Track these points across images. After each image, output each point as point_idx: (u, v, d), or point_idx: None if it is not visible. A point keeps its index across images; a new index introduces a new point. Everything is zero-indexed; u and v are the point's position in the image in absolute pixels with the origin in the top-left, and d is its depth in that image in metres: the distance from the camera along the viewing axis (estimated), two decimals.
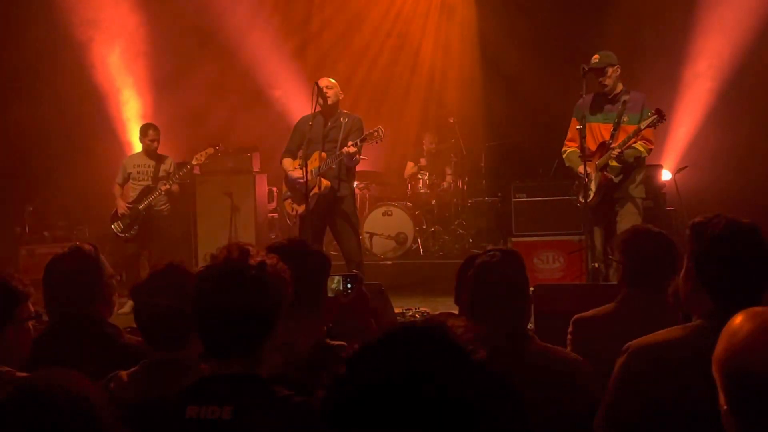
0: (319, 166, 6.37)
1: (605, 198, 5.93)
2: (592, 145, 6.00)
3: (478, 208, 9.59)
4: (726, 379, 1.50)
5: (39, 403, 1.23)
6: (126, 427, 1.86)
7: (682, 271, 2.24)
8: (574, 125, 6.14)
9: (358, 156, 6.41)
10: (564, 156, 6.23)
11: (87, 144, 9.75)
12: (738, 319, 1.54)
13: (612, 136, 5.82)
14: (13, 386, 1.27)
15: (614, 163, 5.80)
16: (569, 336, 3.03)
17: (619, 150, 5.72)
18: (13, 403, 1.22)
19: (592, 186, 5.92)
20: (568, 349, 3.00)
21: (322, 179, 6.38)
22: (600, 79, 5.92)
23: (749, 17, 8.71)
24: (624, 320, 2.87)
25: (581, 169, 5.92)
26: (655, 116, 5.67)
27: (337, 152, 6.34)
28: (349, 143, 6.26)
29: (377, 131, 6.26)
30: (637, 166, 5.95)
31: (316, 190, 6.37)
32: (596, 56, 6.00)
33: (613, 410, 2.16)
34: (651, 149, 5.97)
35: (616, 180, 5.81)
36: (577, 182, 6.16)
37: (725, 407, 1.52)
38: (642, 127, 5.71)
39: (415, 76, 10.52)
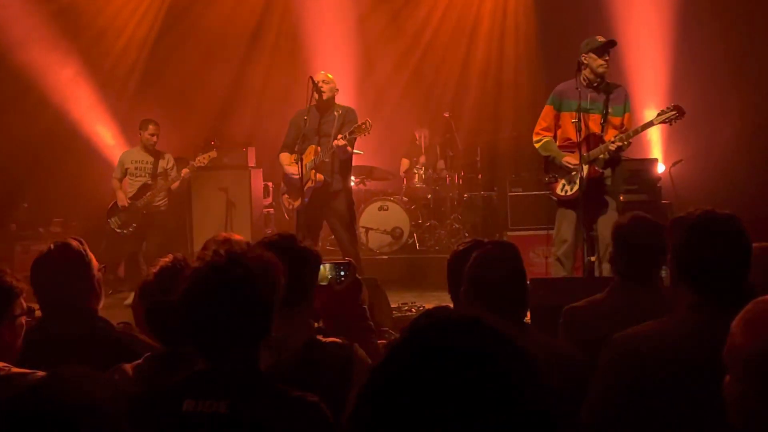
0: (313, 160, 6.37)
1: (591, 192, 5.68)
2: (575, 135, 5.69)
3: (474, 202, 9.59)
4: (753, 369, 1.49)
5: (48, 409, 1.21)
6: (129, 419, 1.86)
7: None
8: (550, 113, 5.90)
9: (349, 148, 6.39)
10: (539, 145, 5.93)
11: (81, 140, 9.73)
12: (759, 307, 1.53)
13: (602, 129, 5.62)
14: (25, 390, 1.24)
15: (605, 156, 5.59)
16: (561, 326, 3.04)
17: (620, 143, 5.49)
18: (23, 406, 1.20)
19: (577, 179, 5.69)
20: (560, 338, 3.01)
21: (315, 172, 6.38)
22: (606, 59, 5.63)
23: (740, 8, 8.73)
24: (614, 309, 2.88)
25: (567, 159, 5.75)
26: (674, 112, 5.44)
27: (330, 145, 6.34)
28: (339, 136, 6.25)
29: (365, 123, 6.24)
30: (619, 161, 5.79)
31: (309, 183, 6.37)
32: (600, 37, 5.71)
33: (598, 401, 2.17)
34: (630, 143, 5.69)
35: (605, 174, 5.62)
36: (552, 174, 5.91)
37: (746, 398, 1.50)
38: (656, 122, 5.50)
39: (412, 71, 10.50)
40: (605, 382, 2.17)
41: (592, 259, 5.68)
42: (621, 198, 5.89)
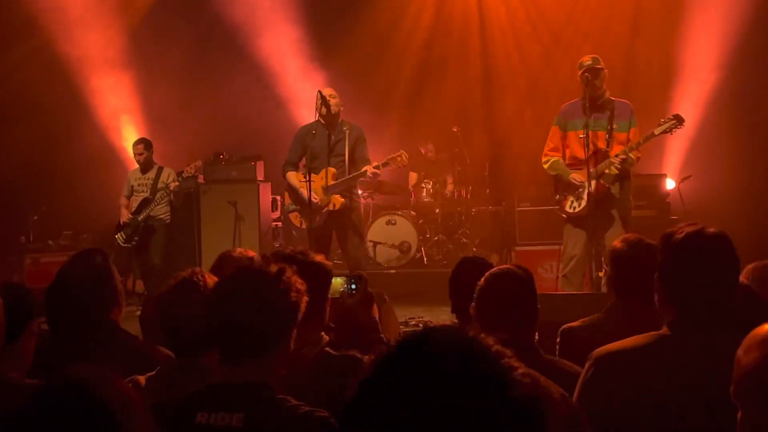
0: (331, 185, 6.36)
1: (598, 207, 5.75)
2: (581, 153, 5.81)
3: (482, 217, 9.59)
4: (751, 387, 1.48)
5: (73, 404, 1.21)
6: None
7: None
8: (556, 134, 6.01)
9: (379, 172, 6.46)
10: (547, 165, 6.04)
11: (91, 154, 9.79)
12: (757, 331, 1.52)
13: (607, 144, 5.67)
14: (45, 385, 1.24)
15: (613, 171, 5.64)
16: (557, 346, 3.03)
17: (623, 156, 5.57)
18: (47, 402, 1.20)
19: (585, 195, 5.77)
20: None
21: (336, 197, 6.39)
22: (596, 81, 5.72)
23: (751, 22, 8.73)
24: (611, 329, 2.85)
25: (576, 176, 5.81)
26: (674, 121, 5.54)
27: (347, 167, 6.34)
28: (374, 165, 6.30)
29: (400, 156, 6.34)
30: (628, 176, 5.84)
31: (330, 207, 6.37)
32: (588, 57, 5.81)
33: None
34: (639, 157, 5.84)
35: (613, 189, 5.67)
36: (561, 193, 5.99)
37: (755, 421, 1.49)
38: (657, 133, 5.57)
39: (421, 84, 10.52)
40: (586, 395, 2.16)
41: (600, 274, 5.69)
42: (631, 212, 5.89)
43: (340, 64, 9.94)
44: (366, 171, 6.28)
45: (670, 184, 8.34)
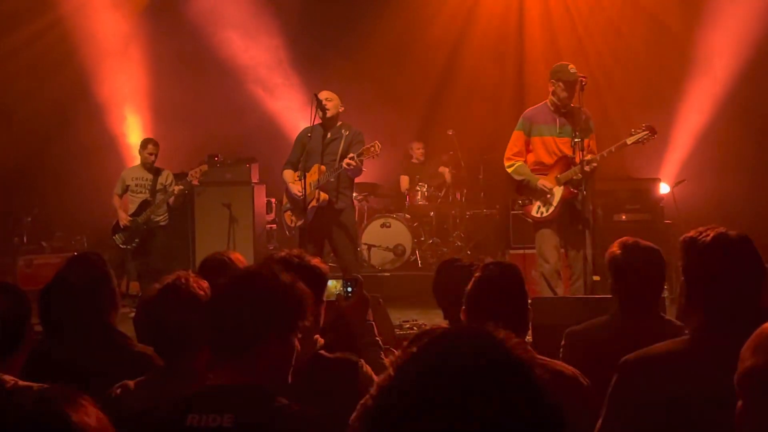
0: (318, 179, 6.37)
1: (567, 211, 5.86)
2: (547, 159, 5.94)
3: (477, 220, 9.60)
4: (756, 385, 1.49)
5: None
6: None
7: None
8: (520, 138, 6.05)
9: (363, 168, 6.42)
10: (511, 170, 6.08)
11: (86, 155, 9.78)
12: (765, 330, 1.53)
13: (573, 151, 5.73)
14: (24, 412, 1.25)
15: (578, 176, 5.71)
16: (562, 349, 3.03)
17: (595, 164, 5.65)
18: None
19: (554, 201, 5.87)
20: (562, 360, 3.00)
21: (320, 192, 6.38)
22: (571, 92, 5.79)
23: (751, 29, 8.77)
24: (616, 334, 2.86)
25: (543, 182, 5.87)
26: (647, 132, 5.61)
27: (336, 165, 6.34)
28: (349, 155, 6.26)
29: (373, 146, 6.26)
30: (590, 177, 5.89)
31: (314, 203, 6.36)
32: (572, 65, 5.86)
33: (610, 423, 2.15)
34: (597, 161, 5.88)
35: (580, 194, 5.74)
36: (527, 197, 6.06)
37: (750, 416, 1.50)
38: (629, 143, 5.65)
39: (416, 88, 10.53)
40: (617, 403, 2.15)
41: (595, 278, 5.70)
42: (592, 214, 5.95)
43: (338, 65, 9.95)
44: (343, 166, 6.27)
45: (664, 188, 8.36)
